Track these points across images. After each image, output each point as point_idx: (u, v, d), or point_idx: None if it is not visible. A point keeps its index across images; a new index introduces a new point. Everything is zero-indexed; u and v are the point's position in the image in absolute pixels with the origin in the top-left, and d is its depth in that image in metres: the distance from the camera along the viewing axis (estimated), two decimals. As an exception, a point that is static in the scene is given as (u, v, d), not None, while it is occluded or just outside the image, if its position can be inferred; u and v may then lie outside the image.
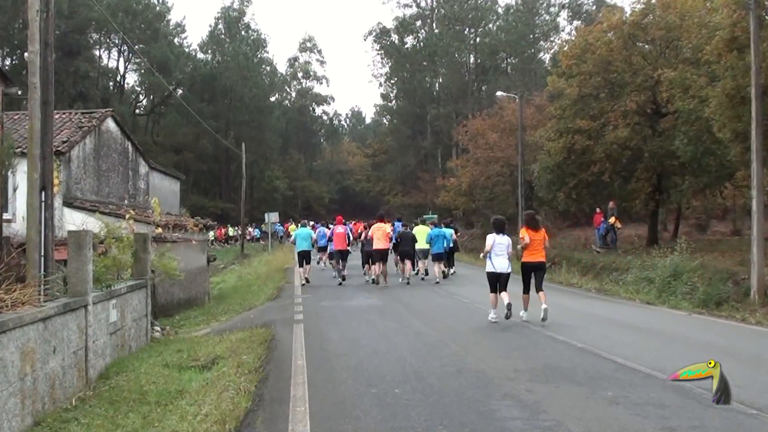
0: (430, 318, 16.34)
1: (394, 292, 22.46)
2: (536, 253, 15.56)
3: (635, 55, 31.51)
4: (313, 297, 21.48)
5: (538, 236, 15.61)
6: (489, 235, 15.77)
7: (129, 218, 17.46)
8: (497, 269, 15.35)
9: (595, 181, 32.41)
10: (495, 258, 15.42)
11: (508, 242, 15.54)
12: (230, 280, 37.35)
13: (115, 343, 12.86)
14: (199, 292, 26.71)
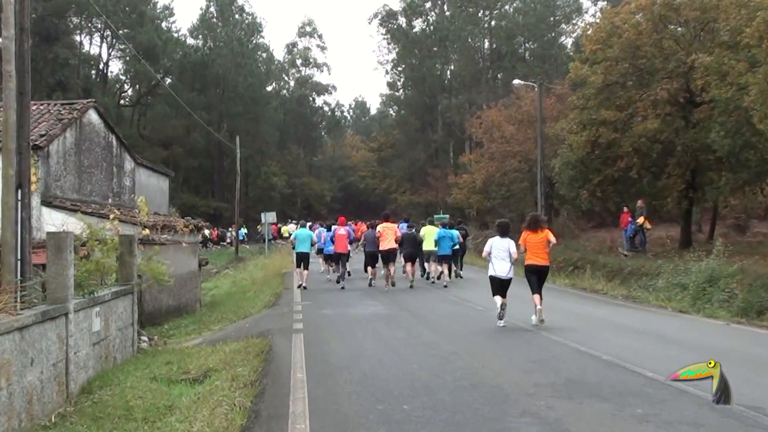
0: (440, 327, 16.32)
1: (401, 299, 22.44)
2: (536, 256, 16.43)
3: (666, 39, 31.42)
4: (314, 304, 21.47)
5: (538, 238, 16.39)
6: (489, 239, 16.81)
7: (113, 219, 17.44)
8: (498, 274, 16.27)
9: (622, 178, 32.37)
10: (496, 261, 16.34)
11: (508, 245, 16.36)
12: (224, 285, 37.41)
13: (98, 354, 12.86)
14: (190, 299, 26.71)
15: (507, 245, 16.37)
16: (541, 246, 16.44)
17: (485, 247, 16.82)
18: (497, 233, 16.73)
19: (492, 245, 16.49)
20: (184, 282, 25.70)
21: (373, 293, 24.25)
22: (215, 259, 52.98)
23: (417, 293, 24.05)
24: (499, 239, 16.49)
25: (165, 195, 36.84)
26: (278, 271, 34.73)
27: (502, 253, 16.32)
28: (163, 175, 37.05)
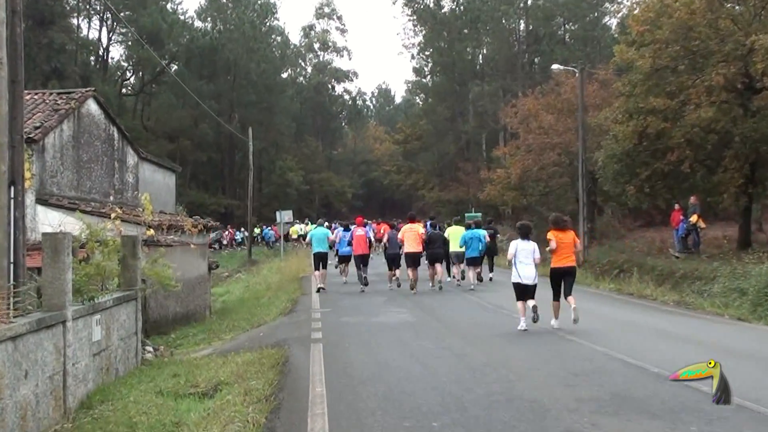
0: (472, 336, 16.27)
1: (428, 305, 22.43)
2: (565, 258, 16.86)
3: (723, 18, 31.14)
4: (334, 311, 21.48)
5: (567, 238, 16.91)
6: (513, 242, 17.28)
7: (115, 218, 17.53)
8: (523, 280, 16.67)
9: (673, 172, 32.14)
10: (520, 266, 16.77)
11: (533, 248, 16.83)
12: (236, 291, 37.50)
13: (98, 365, 12.90)
14: (199, 306, 26.79)
15: (532, 248, 16.81)
16: (570, 247, 16.92)
17: (509, 250, 17.24)
18: (519, 236, 17.15)
19: (517, 248, 16.86)
20: (192, 287, 25.77)
21: (398, 299, 24.24)
22: (226, 262, 53.14)
23: (445, 299, 24.07)
24: (523, 242, 16.90)
25: (171, 192, 37.01)
26: (295, 276, 34.78)
27: (527, 257, 16.75)
28: (169, 170, 37.22)
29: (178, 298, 24.03)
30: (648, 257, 32.94)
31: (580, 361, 13.04)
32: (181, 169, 51.98)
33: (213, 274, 32.97)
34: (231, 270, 50.05)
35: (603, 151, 35.47)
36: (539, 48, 78.49)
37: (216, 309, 29.85)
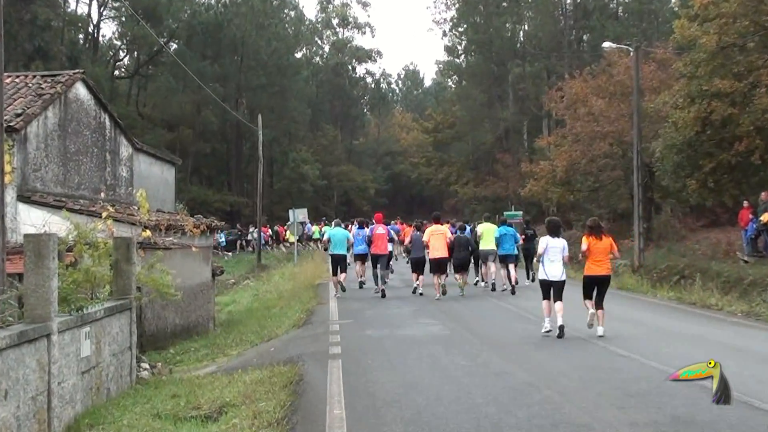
0: (511, 350, 16.24)
1: (460, 315, 22.51)
2: (600, 265, 17.85)
3: (798, -11, 31.02)
4: (355, 323, 21.49)
5: (602, 245, 17.88)
6: (542, 238, 18.60)
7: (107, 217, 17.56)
8: (549, 277, 17.96)
9: (741, 165, 32.00)
10: (548, 264, 18.00)
11: (563, 246, 18.07)
12: (243, 300, 37.61)
13: (88, 385, 12.93)
14: (202, 317, 26.85)
15: (562, 245, 18.01)
16: (605, 254, 17.91)
17: (538, 247, 18.59)
18: (547, 232, 18.33)
19: (546, 246, 18.02)
20: (194, 296, 25.83)
21: (427, 309, 24.28)
22: (232, 267, 53.27)
23: (478, 307, 24.20)
24: (552, 239, 18.05)
25: (170, 188, 37.10)
26: (310, 282, 34.81)
27: (557, 255, 17.91)
28: (167, 163, 37.31)
29: (177, 309, 24.09)
30: (712, 262, 32.78)
31: (635, 380, 12.98)
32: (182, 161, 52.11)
33: (217, 281, 33.04)
34: (238, 276, 50.16)
35: (661, 140, 35.35)
36: (588, 23, 78.06)
37: (221, 321, 29.92)
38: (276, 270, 48.82)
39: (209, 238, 31.61)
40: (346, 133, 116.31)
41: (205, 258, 28.31)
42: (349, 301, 26.57)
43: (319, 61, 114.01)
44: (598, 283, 17.84)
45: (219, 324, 28.85)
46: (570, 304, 18.24)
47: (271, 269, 50.46)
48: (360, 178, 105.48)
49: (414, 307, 24.71)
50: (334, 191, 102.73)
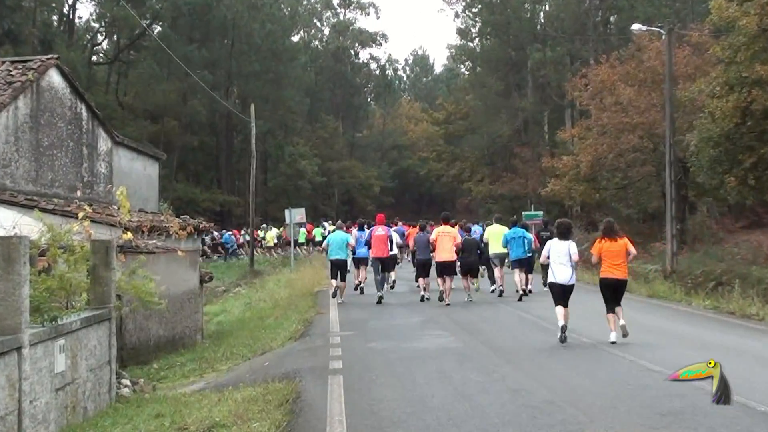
0: (529, 365, 16.23)
1: (472, 325, 22.56)
2: (615, 268, 18.71)
3: None
4: (358, 335, 21.49)
5: (616, 247, 18.73)
6: (548, 242, 19.95)
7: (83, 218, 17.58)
8: (558, 280, 18.88)
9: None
10: (556, 266, 18.98)
11: (568, 249, 18.96)
12: (234, 309, 37.63)
13: (62, 403, 12.93)
14: (189, 328, 26.86)
15: (567, 248, 18.93)
16: (620, 256, 18.71)
17: (543, 251, 19.91)
18: (556, 235, 19.63)
19: (551, 249, 19.17)
20: (180, 305, 25.84)
21: (437, 319, 24.28)
22: (222, 273, 53.27)
23: (492, 317, 24.28)
24: (559, 242, 19.14)
25: (154, 185, 37.09)
26: (309, 290, 34.82)
27: (563, 257, 18.85)
28: (151, 158, 37.31)
29: (162, 319, 24.10)
30: (753, 267, 32.78)
31: (667, 397, 12.95)
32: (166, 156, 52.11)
33: (206, 288, 33.04)
34: (228, 283, 50.18)
35: (696, 132, 35.33)
36: (616, 3, 77.91)
37: (210, 332, 29.93)
38: (270, 276, 48.83)
39: (197, 241, 31.62)
40: (347, 124, 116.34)
41: (192, 263, 28.30)
42: (351, 311, 26.59)
43: (319, 45, 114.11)
44: (614, 286, 18.65)
45: (208, 336, 28.86)
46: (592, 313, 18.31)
47: (265, 275, 50.45)
48: (363, 175, 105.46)
49: (422, 317, 24.73)
50: (334, 189, 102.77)
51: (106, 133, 30.93)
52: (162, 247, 25.08)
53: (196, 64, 77.40)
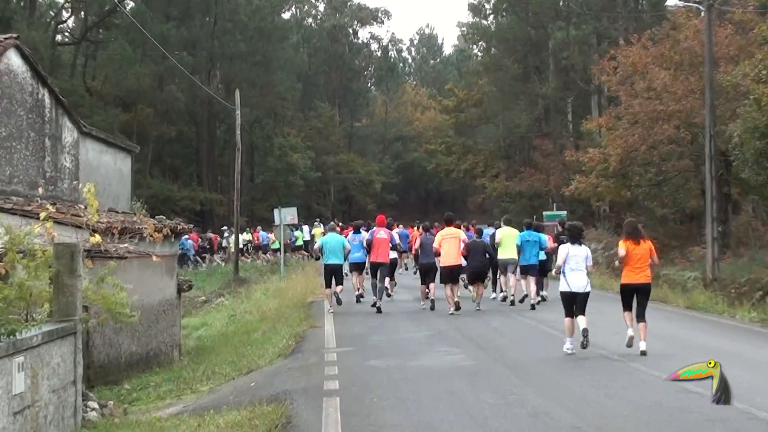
0: (550, 385, 16.24)
1: (486, 340, 22.68)
2: (639, 272, 19.69)
3: None
4: (357, 351, 21.51)
5: (641, 250, 19.67)
6: (562, 246, 20.75)
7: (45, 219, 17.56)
8: (572, 288, 19.60)
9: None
10: (570, 273, 19.70)
11: (585, 254, 19.91)
12: (216, 322, 37.59)
13: (21, 428, 12.90)
14: (165, 344, 26.84)
15: (585, 253, 19.86)
16: (644, 260, 19.71)
17: (558, 256, 20.58)
18: (569, 239, 20.45)
19: (567, 254, 19.80)
20: (154, 317, 25.83)
21: (445, 331, 24.42)
22: (203, 281, 53.26)
23: (506, 329, 24.50)
24: (574, 247, 19.91)
25: (126, 181, 37.11)
26: (301, 300, 34.80)
27: (579, 264, 19.71)
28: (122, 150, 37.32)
29: (134, 333, 24.09)
30: (805, 276, 32.77)
31: (709, 423, 12.94)
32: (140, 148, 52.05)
33: (184, 299, 33.03)
34: (210, 293, 50.13)
35: (740, 122, 35.29)
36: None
37: (188, 348, 29.92)
38: (257, 285, 48.77)
39: (174, 245, 31.62)
40: (345, 113, 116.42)
41: (168, 270, 28.28)
42: (349, 324, 26.60)
43: (312, 23, 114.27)
44: (638, 292, 19.60)
45: (186, 352, 28.83)
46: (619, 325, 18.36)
47: (251, 284, 50.39)
48: (363, 170, 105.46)
49: (429, 331, 24.78)
50: (330, 186, 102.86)
51: (72, 123, 30.92)
52: (134, 251, 25.09)
53: (174, 45, 77.46)
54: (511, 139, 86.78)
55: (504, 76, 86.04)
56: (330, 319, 27.44)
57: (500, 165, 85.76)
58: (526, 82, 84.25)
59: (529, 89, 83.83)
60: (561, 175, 65.86)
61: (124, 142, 40.03)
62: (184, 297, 32.07)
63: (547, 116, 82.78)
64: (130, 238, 25.65)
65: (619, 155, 48.72)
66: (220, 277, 57.47)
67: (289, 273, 49.63)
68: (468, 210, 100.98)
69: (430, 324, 26.07)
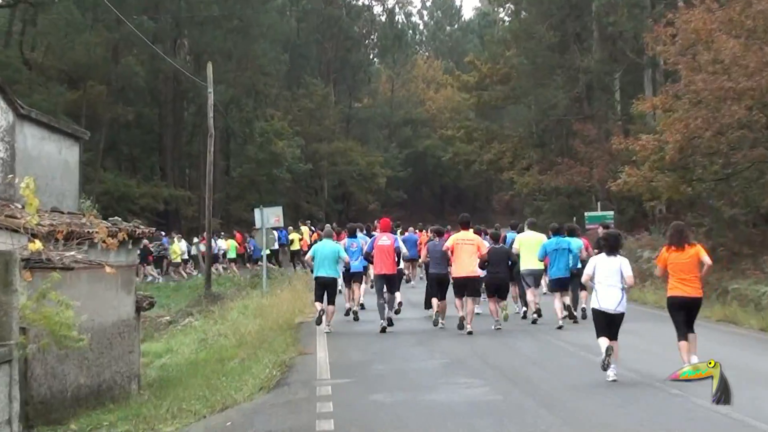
0: (598, 426, 16.16)
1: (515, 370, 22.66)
2: (686, 283, 20.41)
3: None
4: (356, 383, 21.49)
5: (685, 257, 20.44)
6: (591, 258, 21.99)
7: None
8: (603, 306, 20.17)
9: None
10: (600, 288, 20.35)
11: (619, 266, 20.30)
12: (184, 347, 37.59)
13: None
14: (120, 374, 26.84)
15: (618, 266, 20.27)
16: (690, 268, 20.38)
17: (586, 268, 21.38)
18: (603, 249, 21.08)
19: (595, 266, 20.60)
20: (108, 341, 25.83)
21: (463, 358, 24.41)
22: (168, 297, 53.25)
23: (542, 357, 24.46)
24: (606, 258, 20.56)
25: (73, 175, 37.12)
26: (288, 321, 34.79)
27: (611, 278, 20.17)
28: (69, 137, 37.33)
29: (83, 361, 24.09)
30: None
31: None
32: (90, 135, 52.14)
33: (145, 319, 33.04)
34: (176, 312, 50.11)
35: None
36: None
37: (150, 380, 29.94)
38: (234, 302, 48.66)
39: (132, 253, 31.61)
40: (342, 91, 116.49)
41: (125, 283, 28.24)
42: (346, 349, 26.58)
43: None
44: (686, 306, 20.38)
45: (147, 385, 28.83)
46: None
47: (226, 300, 50.31)
48: (364, 161, 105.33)
49: (444, 358, 24.78)
50: (323, 181, 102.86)
51: (6, 103, 30.95)
52: (83, 260, 25.11)
53: (131, 7, 77.37)
54: (545, 123, 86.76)
55: (537, 46, 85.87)
56: (323, 344, 27.40)
57: (532, 155, 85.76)
58: (563, 54, 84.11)
59: (567, 62, 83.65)
60: (607, 167, 65.83)
61: (71, 126, 40.03)
62: (144, 316, 32.07)
63: (590, 95, 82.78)
64: (78, 244, 25.65)
65: (678, 143, 48.59)
66: (188, 292, 57.44)
67: (273, 288, 49.63)
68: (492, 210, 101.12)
69: (444, 350, 26.04)
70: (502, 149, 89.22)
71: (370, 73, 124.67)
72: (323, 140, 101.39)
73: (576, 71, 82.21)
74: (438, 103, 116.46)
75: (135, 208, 72.27)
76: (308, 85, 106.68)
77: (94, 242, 26.02)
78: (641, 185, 52.28)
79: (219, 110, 64.60)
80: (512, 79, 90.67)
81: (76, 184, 36.96)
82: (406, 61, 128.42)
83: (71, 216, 28.94)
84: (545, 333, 27.55)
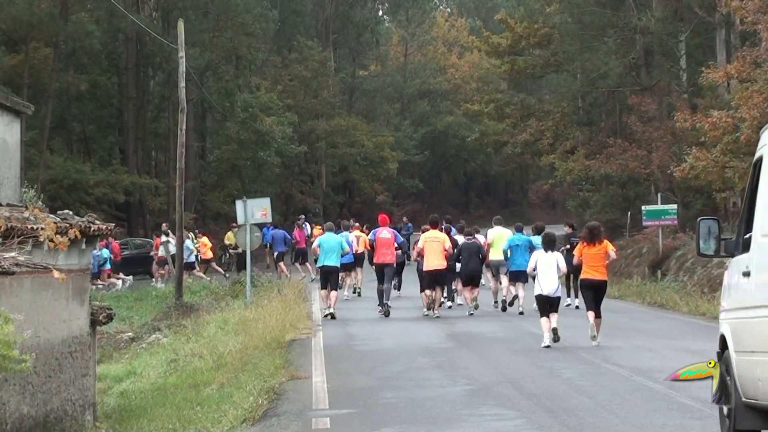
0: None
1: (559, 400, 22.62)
2: (593, 270, 31.24)
3: None
4: (361, 415, 21.52)
5: (595, 250, 31.34)
6: (534, 253, 33.35)
7: None
8: (544, 291, 31.04)
9: None
10: (542, 277, 31.24)
11: (555, 260, 31.56)
12: (150, 370, 37.63)
13: None
14: (71, 402, 26.91)
15: (554, 260, 31.51)
16: (598, 259, 31.27)
17: (530, 262, 32.71)
18: (543, 246, 32.59)
19: (537, 260, 31.59)
20: (57, 363, 25.90)
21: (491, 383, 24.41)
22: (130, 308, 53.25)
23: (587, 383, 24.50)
24: (544, 254, 31.63)
25: (13, 158, 37.25)
26: (277, 339, 34.79)
27: (550, 268, 31.07)
28: (7, 111, 37.48)
29: (26, 387, 24.15)
30: None
31: None
32: (34, 108, 52.25)
33: (101, 335, 33.09)
34: (140, 326, 50.12)
35: None
36: None
37: (107, 409, 30.00)
38: (211, 314, 48.60)
39: (85, 255, 31.62)
40: (344, 55, 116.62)
41: (77, 292, 28.25)
42: (348, 372, 26.66)
43: None
44: (595, 287, 31.01)
45: (104, 415, 28.89)
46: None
47: (201, 312, 50.16)
48: (371, 142, 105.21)
49: (467, 383, 24.80)
50: (321, 166, 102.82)
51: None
52: (26, 264, 25.19)
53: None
54: (594, 95, 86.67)
55: (584, 1, 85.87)
56: (320, 366, 27.39)
57: (577, 135, 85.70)
58: (617, 10, 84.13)
59: (621, 21, 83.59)
60: (669, 150, 65.73)
61: (10, 98, 40.20)
62: (101, 332, 32.11)
63: (649, 62, 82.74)
64: (19, 243, 25.77)
65: (757, 120, 48.63)
66: (154, 302, 57.37)
67: (258, 297, 49.56)
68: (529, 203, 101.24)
69: (468, 373, 26.07)
70: (541, 128, 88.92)
71: (379, 34, 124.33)
72: (320, 116, 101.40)
73: (632, 32, 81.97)
74: (462, 71, 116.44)
75: (89, 199, 72.46)
76: (302, 49, 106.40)
77: (39, 241, 26.08)
78: (712, 171, 52.01)
79: (192, 79, 64.62)
80: (553, 42, 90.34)
81: (17, 169, 37.08)
82: (423, 18, 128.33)
83: (11, 209, 28.97)
84: (590, 353, 27.58)
